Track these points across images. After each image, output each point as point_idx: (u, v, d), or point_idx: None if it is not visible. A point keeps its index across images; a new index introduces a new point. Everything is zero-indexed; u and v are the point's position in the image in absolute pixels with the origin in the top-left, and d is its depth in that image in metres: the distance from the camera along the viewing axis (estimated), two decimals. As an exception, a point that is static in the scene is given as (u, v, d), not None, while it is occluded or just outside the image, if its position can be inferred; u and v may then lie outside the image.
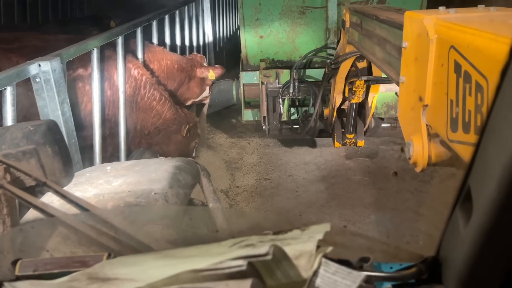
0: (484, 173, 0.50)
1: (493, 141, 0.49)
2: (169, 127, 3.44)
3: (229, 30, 7.32)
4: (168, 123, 3.43)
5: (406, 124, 1.42)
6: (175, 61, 3.89)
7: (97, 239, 0.73)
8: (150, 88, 3.32)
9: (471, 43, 0.94)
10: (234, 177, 4.14)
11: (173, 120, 3.44)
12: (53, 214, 0.72)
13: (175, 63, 3.87)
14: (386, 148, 4.49)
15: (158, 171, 1.36)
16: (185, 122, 3.50)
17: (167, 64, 3.79)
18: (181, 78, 3.92)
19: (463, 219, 0.56)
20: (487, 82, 0.86)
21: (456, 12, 1.24)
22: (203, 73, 4.07)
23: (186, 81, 3.99)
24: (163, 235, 0.85)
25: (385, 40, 1.81)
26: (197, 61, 4.11)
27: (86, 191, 1.24)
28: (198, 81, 4.11)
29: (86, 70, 2.93)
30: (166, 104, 3.39)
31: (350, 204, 3.61)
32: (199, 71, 4.04)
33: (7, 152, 0.95)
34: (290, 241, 0.57)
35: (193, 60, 4.11)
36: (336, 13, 4.06)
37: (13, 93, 1.99)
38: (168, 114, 3.41)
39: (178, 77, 3.88)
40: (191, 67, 4.00)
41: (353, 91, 3.20)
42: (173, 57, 3.94)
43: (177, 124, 3.46)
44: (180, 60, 3.96)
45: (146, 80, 3.32)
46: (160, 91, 3.40)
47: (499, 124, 0.48)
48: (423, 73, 1.24)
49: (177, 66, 3.88)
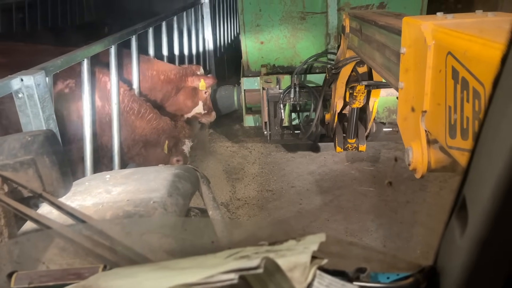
0: (479, 183, 0.50)
1: (487, 149, 0.48)
2: (148, 142, 3.26)
3: (230, 36, 7.34)
4: (148, 137, 3.24)
5: (406, 130, 1.41)
6: (162, 71, 3.72)
7: (93, 250, 0.73)
8: (128, 102, 3.17)
9: (468, 49, 0.94)
10: (235, 189, 4.03)
11: (154, 134, 3.25)
12: (49, 225, 0.72)
13: (161, 73, 3.71)
14: (389, 155, 4.44)
15: (157, 179, 1.36)
16: (169, 137, 3.30)
17: (152, 74, 3.63)
18: (168, 90, 3.75)
19: (459, 228, 0.56)
20: (484, 89, 0.86)
21: (453, 18, 1.24)
22: (194, 82, 3.89)
23: (173, 93, 3.81)
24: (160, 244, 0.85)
25: (384, 46, 1.81)
26: (190, 70, 3.95)
27: (85, 200, 1.24)
28: (189, 92, 3.92)
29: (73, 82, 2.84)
30: (145, 118, 3.21)
31: (357, 217, 3.48)
32: (190, 79, 3.87)
33: (4, 162, 0.95)
34: (285, 252, 0.57)
35: (185, 69, 3.94)
36: (336, 19, 4.07)
37: None
38: (148, 128, 3.22)
39: (164, 88, 3.71)
40: (181, 78, 3.81)
41: (354, 96, 3.21)
42: (161, 67, 3.77)
43: (158, 138, 3.26)
44: (168, 71, 3.78)
45: (125, 92, 3.17)
46: (140, 103, 3.24)
47: (492, 133, 0.47)
48: (421, 79, 1.24)
49: (164, 77, 3.71)
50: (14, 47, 3.63)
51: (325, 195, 3.86)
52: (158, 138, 3.24)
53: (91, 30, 5.70)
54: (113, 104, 2.98)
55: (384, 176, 4.08)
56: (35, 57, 2.64)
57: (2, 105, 2.48)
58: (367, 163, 4.35)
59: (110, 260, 0.72)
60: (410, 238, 3.17)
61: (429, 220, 3.24)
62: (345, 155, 4.48)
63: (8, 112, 2.44)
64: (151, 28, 3.80)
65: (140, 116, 3.18)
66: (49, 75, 2.20)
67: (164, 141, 3.23)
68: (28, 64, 2.22)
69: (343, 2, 4.05)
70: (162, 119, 3.29)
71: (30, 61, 2.34)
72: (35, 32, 5.78)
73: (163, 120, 3.30)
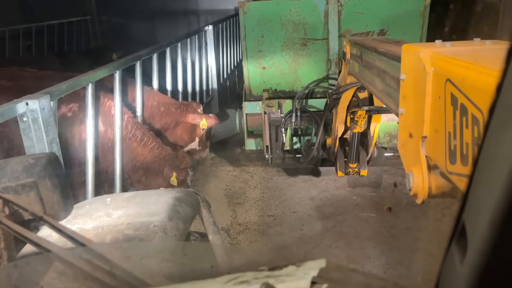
0: (477, 209, 0.50)
1: (484, 176, 0.49)
2: (150, 170, 3.23)
3: (233, 62, 7.45)
4: (150, 166, 3.22)
5: (406, 156, 1.42)
6: (162, 103, 3.73)
7: (92, 274, 0.73)
8: (131, 128, 3.17)
9: (466, 76, 0.95)
10: (236, 213, 4.00)
11: (156, 162, 3.22)
12: (49, 249, 0.72)
13: (162, 105, 3.71)
14: (391, 181, 4.42)
15: (158, 202, 1.36)
16: (175, 168, 3.27)
17: (152, 104, 3.64)
18: (166, 122, 3.74)
19: (459, 255, 0.56)
20: (483, 115, 0.87)
21: (452, 46, 1.26)
22: (195, 120, 3.89)
23: (171, 126, 3.81)
24: (160, 269, 0.85)
25: (384, 72, 1.83)
26: (191, 107, 3.94)
27: (86, 223, 1.24)
28: (188, 128, 3.93)
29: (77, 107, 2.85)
30: (147, 146, 3.19)
31: (358, 244, 3.44)
32: (191, 116, 3.86)
33: (6, 185, 0.96)
34: (285, 278, 0.57)
35: (187, 106, 3.94)
36: (337, 45, 4.14)
37: None
38: (149, 156, 3.20)
39: (163, 120, 3.71)
40: (181, 113, 3.82)
41: (355, 121, 3.23)
42: (162, 99, 3.78)
43: (159, 167, 3.24)
44: (169, 104, 3.79)
45: (128, 119, 3.17)
46: (143, 131, 3.23)
47: (489, 159, 0.48)
48: (421, 105, 1.25)
49: (164, 109, 3.71)
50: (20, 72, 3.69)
51: (327, 221, 3.82)
52: (160, 167, 3.22)
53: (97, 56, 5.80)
54: (116, 128, 2.99)
55: (386, 202, 4.06)
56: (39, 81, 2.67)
57: (7, 127, 2.50)
58: (369, 188, 4.33)
59: (109, 285, 0.72)
60: (412, 265, 3.12)
61: (431, 247, 3.20)
62: (346, 180, 4.46)
63: (12, 135, 2.45)
64: (156, 54, 3.85)
65: (143, 143, 3.17)
66: (54, 99, 2.22)
67: (170, 172, 3.20)
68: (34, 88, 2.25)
69: (344, 28, 4.12)
70: (164, 148, 3.29)
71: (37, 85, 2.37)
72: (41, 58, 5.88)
73: (165, 149, 3.29)
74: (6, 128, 2.43)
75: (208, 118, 3.98)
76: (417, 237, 3.48)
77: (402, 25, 4.05)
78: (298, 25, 4.15)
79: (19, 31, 6.54)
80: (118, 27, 8.87)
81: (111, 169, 3.05)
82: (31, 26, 6.76)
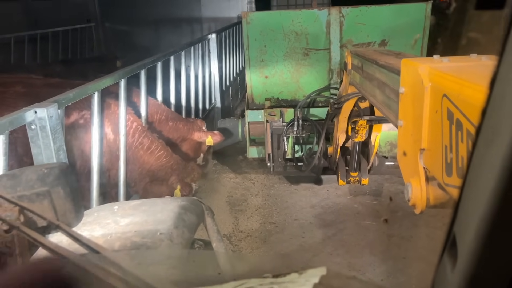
0: (465, 221, 0.54)
1: (472, 192, 0.53)
2: (156, 178, 3.24)
3: (235, 70, 7.52)
4: (156, 174, 3.23)
5: (405, 167, 1.46)
6: (170, 118, 3.76)
7: (105, 279, 0.77)
8: (139, 137, 3.17)
9: (461, 92, 1.00)
10: (238, 221, 4.03)
11: (162, 171, 3.23)
12: (64, 255, 0.76)
13: (170, 120, 3.74)
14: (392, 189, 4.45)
15: (164, 210, 1.40)
16: (180, 180, 3.28)
17: (160, 118, 3.66)
18: (173, 137, 3.76)
19: (450, 264, 0.60)
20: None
21: (449, 61, 1.30)
22: (201, 138, 3.95)
23: (178, 141, 3.82)
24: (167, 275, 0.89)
25: (384, 84, 1.88)
26: (197, 125, 3.99)
27: (94, 230, 1.28)
28: (194, 145, 3.98)
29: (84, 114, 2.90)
30: (154, 154, 3.19)
31: (359, 252, 3.47)
32: (197, 135, 3.91)
33: (21, 193, 1.00)
34: (288, 284, 0.61)
35: (193, 124, 3.98)
36: (339, 55, 4.19)
37: (5, 142, 1.92)
38: (155, 164, 3.20)
39: (170, 135, 3.72)
40: (188, 130, 3.86)
41: (356, 130, 3.27)
42: (170, 114, 3.81)
43: (165, 176, 3.25)
44: (177, 120, 3.83)
45: (137, 127, 3.18)
46: (152, 139, 3.23)
47: (475, 177, 0.52)
48: (419, 118, 1.29)
49: (172, 124, 3.74)
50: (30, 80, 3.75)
51: (328, 228, 3.85)
52: (166, 175, 3.24)
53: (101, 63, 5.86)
54: (121, 135, 3.03)
55: (386, 210, 4.09)
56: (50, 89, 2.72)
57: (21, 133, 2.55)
58: (370, 196, 4.36)
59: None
60: (412, 273, 3.13)
61: (431, 256, 3.22)
62: (347, 188, 4.49)
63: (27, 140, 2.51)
64: (160, 63, 3.90)
65: (150, 152, 3.18)
66: (61, 108, 2.26)
67: (176, 182, 3.22)
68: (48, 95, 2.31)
69: (346, 39, 4.18)
70: (173, 157, 3.29)
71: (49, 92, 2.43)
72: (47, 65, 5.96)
73: (174, 158, 3.29)
74: (20, 134, 2.48)
75: (214, 136, 4.05)
76: (417, 245, 3.50)
77: (403, 36, 4.10)
78: (300, 35, 4.21)
79: (24, 38, 6.63)
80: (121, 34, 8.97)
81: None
82: (36, 33, 6.85)
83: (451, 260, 0.60)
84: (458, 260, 0.57)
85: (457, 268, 0.57)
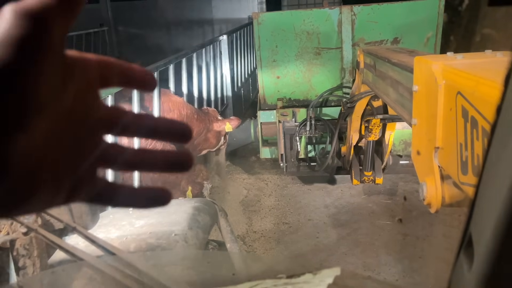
0: (482, 221, 0.54)
1: (488, 188, 0.52)
2: (166, 183, 3.24)
3: (247, 71, 7.53)
4: (167, 178, 3.24)
5: (419, 166, 1.44)
6: (194, 111, 3.93)
7: (121, 281, 0.78)
8: (151, 141, 3.15)
9: (476, 90, 0.98)
10: (252, 221, 4.04)
11: (173, 175, 3.23)
12: (82, 257, 0.77)
13: (195, 113, 3.91)
14: (406, 188, 4.41)
15: (178, 212, 1.41)
16: (191, 182, 3.31)
17: (187, 113, 3.80)
18: (200, 129, 3.94)
19: (467, 264, 0.59)
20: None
21: (463, 58, 1.29)
22: (221, 127, 4.13)
23: (204, 132, 4.01)
24: (183, 276, 0.89)
25: (398, 82, 1.86)
26: (213, 115, 4.18)
27: (110, 232, 1.30)
28: (215, 133, 4.18)
29: None
30: None
31: (375, 251, 3.45)
32: (216, 125, 4.10)
33: (39, 197, 1.02)
34: (302, 285, 0.61)
35: (209, 114, 4.17)
36: (351, 54, 4.17)
37: None
38: None
39: (197, 127, 3.89)
40: (209, 120, 4.05)
41: (370, 129, 3.25)
42: (192, 108, 4.00)
43: (176, 180, 3.26)
44: (198, 112, 4.02)
45: None
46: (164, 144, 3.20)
47: (492, 173, 0.51)
48: (433, 116, 1.28)
49: (197, 117, 3.91)
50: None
51: (342, 228, 3.83)
52: (177, 179, 3.27)
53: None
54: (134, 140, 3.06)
55: (401, 209, 4.05)
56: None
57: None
58: (384, 196, 4.33)
59: (136, 291, 0.77)
60: (428, 272, 3.10)
61: (447, 255, 3.18)
62: (362, 188, 4.46)
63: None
64: (172, 65, 3.94)
65: None
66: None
67: (186, 185, 3.25)
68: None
69: (358, 37, 4.15)
70: None
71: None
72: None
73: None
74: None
75: (231, 121, 4.20)
76: (433, 244, 3.47)
77: (416, 33, 4.06)
78: (311, 34, 4.20)
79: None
80: (134, 37, 9.06)
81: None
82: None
83: (468, 259, 0.59)
84: (474, 259, 0.56)
85: (474, 267, 0.56)
